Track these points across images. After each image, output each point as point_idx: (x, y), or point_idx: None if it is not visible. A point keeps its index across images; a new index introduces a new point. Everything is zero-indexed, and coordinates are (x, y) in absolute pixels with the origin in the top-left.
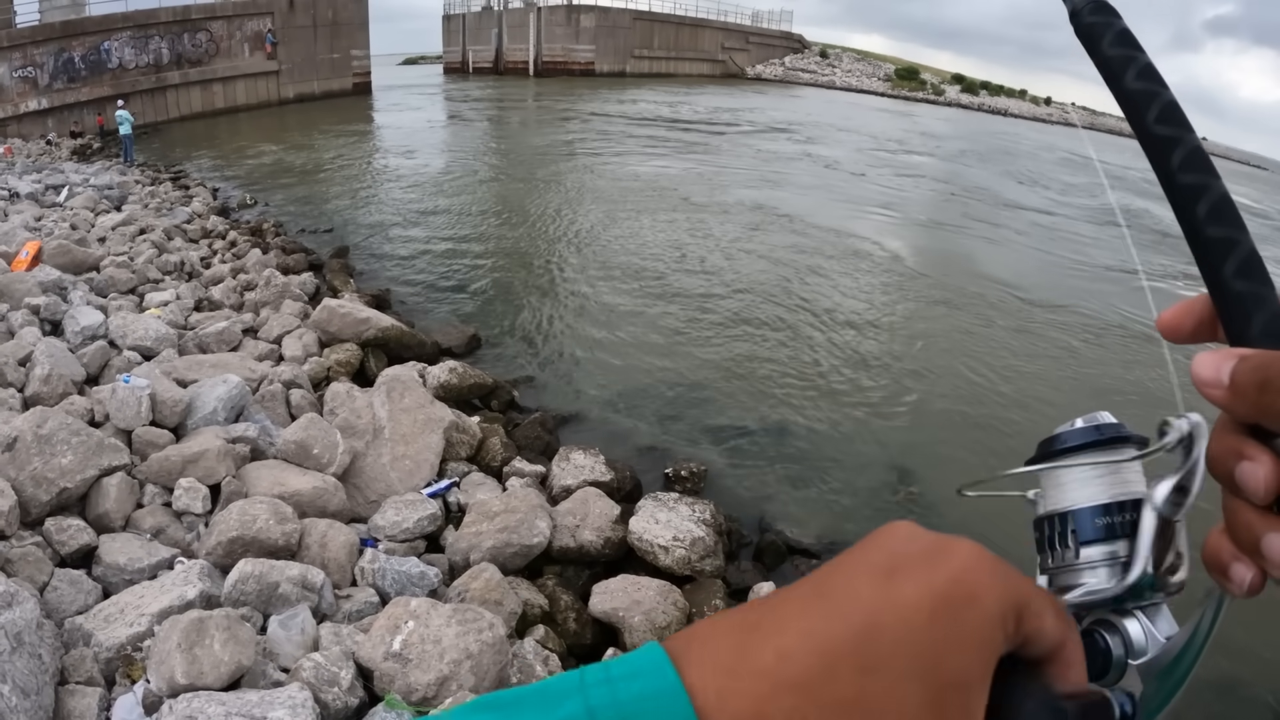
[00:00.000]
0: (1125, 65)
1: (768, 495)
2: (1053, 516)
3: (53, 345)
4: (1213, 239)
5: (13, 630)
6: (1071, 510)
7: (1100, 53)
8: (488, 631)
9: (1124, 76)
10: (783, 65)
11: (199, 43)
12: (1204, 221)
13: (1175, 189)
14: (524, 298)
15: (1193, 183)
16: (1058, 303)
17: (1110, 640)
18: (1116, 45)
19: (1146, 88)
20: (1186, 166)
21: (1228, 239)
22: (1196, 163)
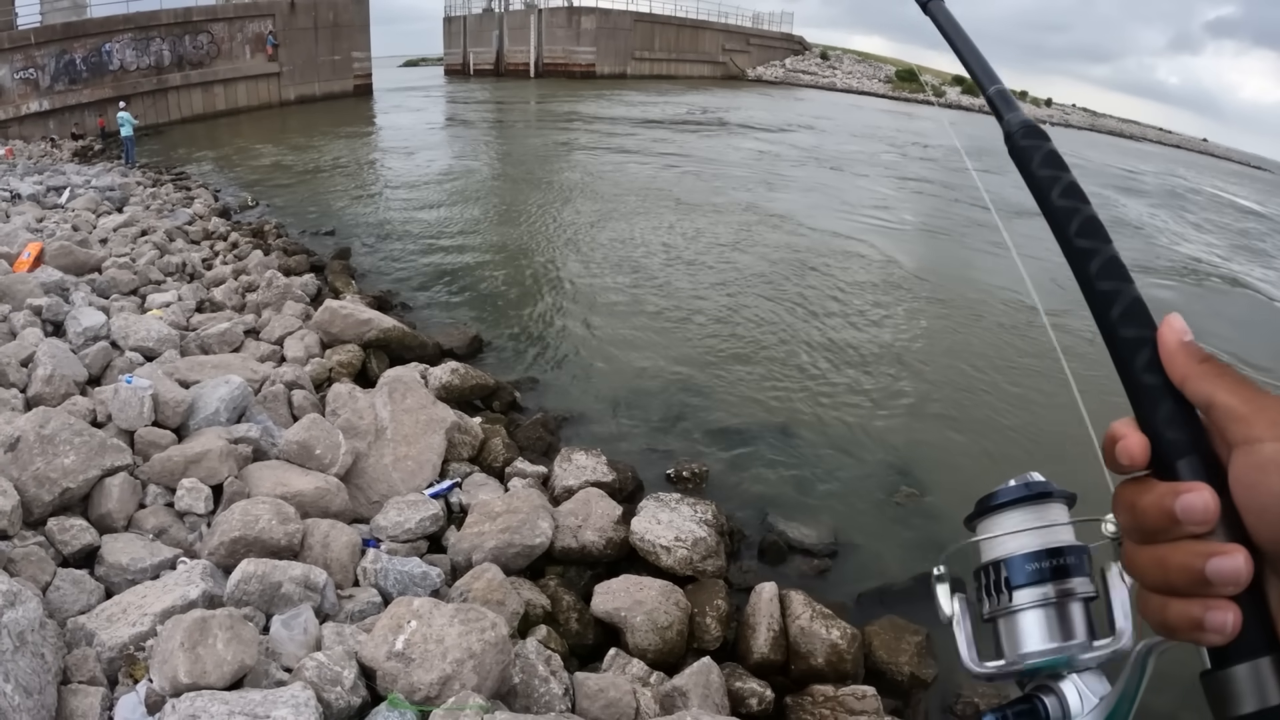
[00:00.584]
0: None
1: (769, 495)
2: (989, 566)
3: (55, 346)
4: (1125, 338)
5: (15, 629)
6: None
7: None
8: (490, 631)
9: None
10: (783, 67)
11: (200, 44)
12: (1117, 322)
13: (1093, 293)
14: (525, 299)
15: (1108, 289)
16: (1059, 304)
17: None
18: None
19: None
20: (1103, 274)
21: (1139, 338)
22: (1112, 270)
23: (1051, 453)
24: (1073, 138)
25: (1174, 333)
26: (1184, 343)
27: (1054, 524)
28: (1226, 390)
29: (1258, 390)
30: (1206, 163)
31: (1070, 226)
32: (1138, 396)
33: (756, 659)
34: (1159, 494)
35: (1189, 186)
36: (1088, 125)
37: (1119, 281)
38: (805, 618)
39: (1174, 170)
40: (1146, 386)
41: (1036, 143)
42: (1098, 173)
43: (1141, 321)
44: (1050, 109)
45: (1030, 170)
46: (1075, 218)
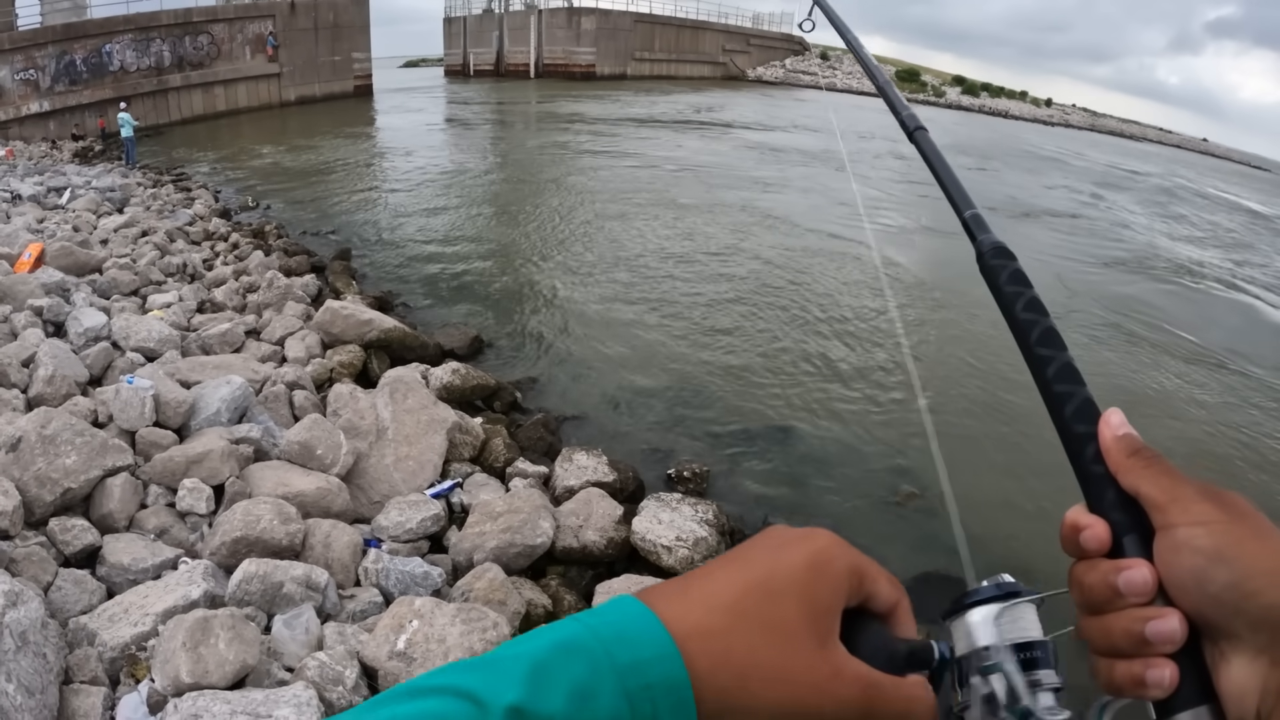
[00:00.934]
0: (1016, 299)
1: (770, 495)
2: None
3: (56, 346)
4: (1076, 434)
5: (17, 629)
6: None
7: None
8: (491, 631)
9: (1015, 307)
10: (783, 67)
11: (200, 45)
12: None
13: (1050, 394)
14: (526, 299)
15: (1062, 391)
16: (1060, 305)
17: None
18: (1010, 283)
19: (1031, 317)
20: (1058, 378)
21: (1087, 433)
22: (1067, 375)
23: (1050, 449)
24: (1073, 137)
25: (1110, 428)
26: (1118, 437)
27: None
28: (1149, 482)
29: (1175, 480)
30: (1207, 163)
31: (1031, 336)
32: (1087, 484)
33: None
34: (1104, 570)
35: (1186, 186)
36: (1088, 125)
37: (1072, 384)
38: None
39: (1174, 170)
40: (1094, 475)
41: (1004, 262)
42: (1101, 173)
43: (1089, 419)
44: (1050, 109)
45: (998, 285)
46: (1035, 328)
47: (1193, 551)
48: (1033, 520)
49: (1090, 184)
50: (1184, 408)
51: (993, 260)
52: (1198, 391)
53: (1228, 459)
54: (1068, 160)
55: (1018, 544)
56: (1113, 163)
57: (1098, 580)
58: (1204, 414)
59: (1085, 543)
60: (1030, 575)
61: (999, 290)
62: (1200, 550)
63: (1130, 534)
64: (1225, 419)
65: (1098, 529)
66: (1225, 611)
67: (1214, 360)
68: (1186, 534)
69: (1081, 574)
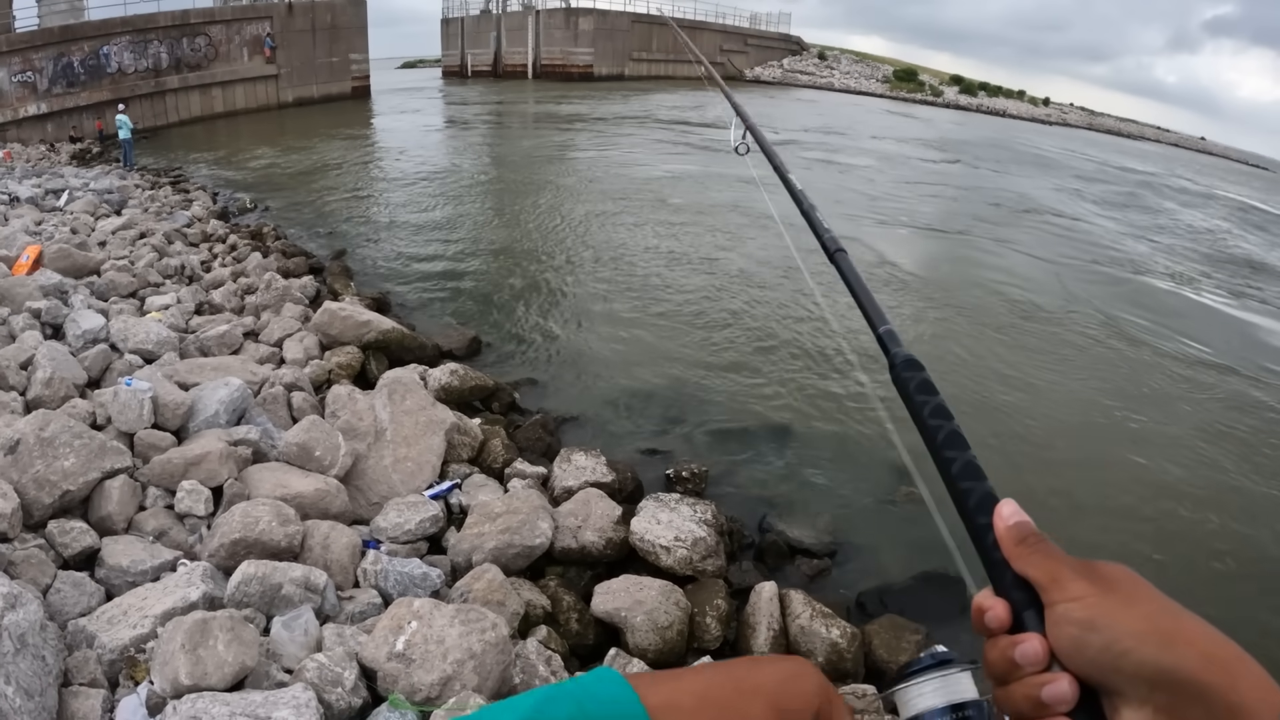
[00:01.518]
0: (924, 405)
1: (769, 495)
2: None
3: (54, 349)
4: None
5: (16, 632)
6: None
7: (909, 395)
8: (491, 632)
9: (923, 412)
10: (781, 67)
11: (198, 47)
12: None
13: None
14: (525, 300)
15: (966, 487)
16: (1061, 305)
17: None
18: (919, 392)
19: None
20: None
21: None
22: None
23: (1050, 447)
24: (1072, 136)
25: (1001, 519)
26: (1009, 527)
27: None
28: (1034, 567)
29: (1056, 562)
30: (1206, 161)
31: (938, 438)
32: (990, 569)
33: None
34: (1003, 646)
35: (1191, 187)
36: (1085, 124)
37: (974, 480)
38: (805, 617)
39: (1174, 170)
40: (995, 561)
41: (914, 374)
42: (1095, 171)
43: (989, 510)
44: (1048, 108)
45: (908, 394)
46: (941, 431)
47: (1070, 623)
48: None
49: (1084, 183)
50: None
51: (904, 372)
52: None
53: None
54: (1068, 161)
55: None
56: (1108, 160)
57: (999, 655)
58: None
59: (989, 623)
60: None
61: (909, 397)
62: (1076, 622)
63: (1028, 610)
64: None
65: (998, 609)
66: (1105, 671)
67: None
68: (1064, 610)
69: (988, 651)
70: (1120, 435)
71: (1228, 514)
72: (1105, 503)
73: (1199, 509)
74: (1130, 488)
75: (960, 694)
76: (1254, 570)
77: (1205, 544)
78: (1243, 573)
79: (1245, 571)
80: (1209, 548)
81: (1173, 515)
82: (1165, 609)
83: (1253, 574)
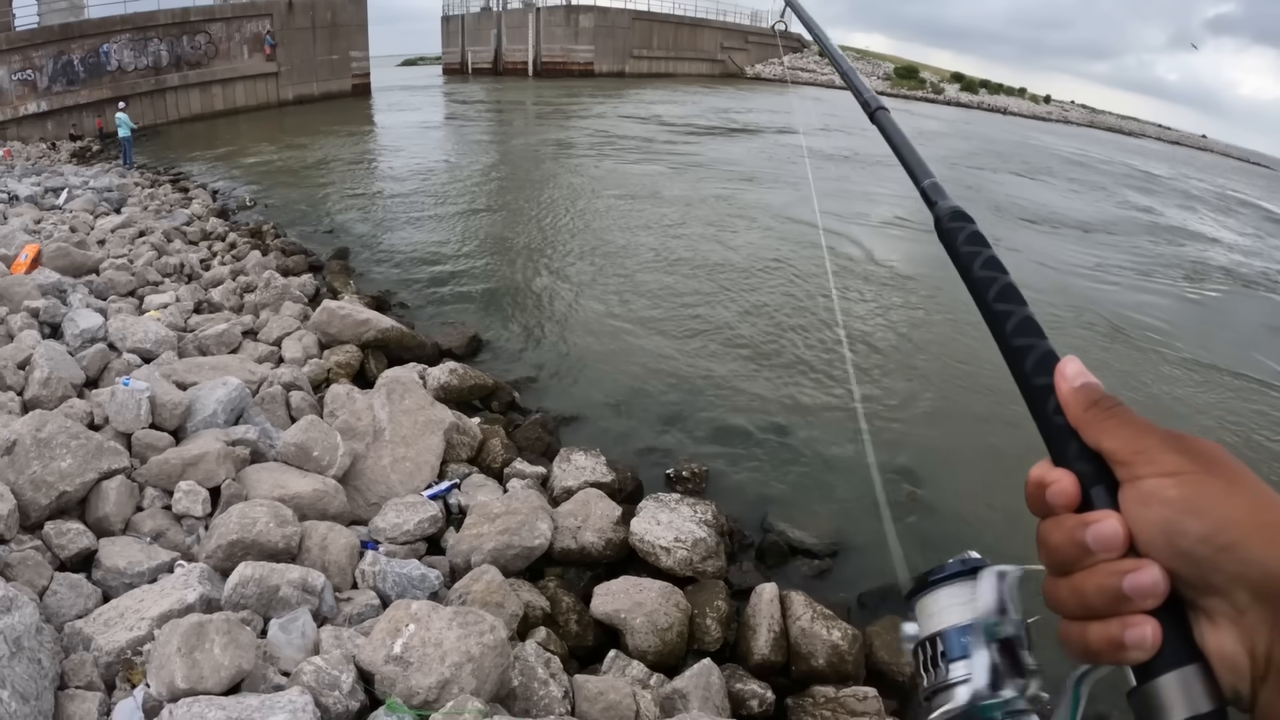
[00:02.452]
0: (973, 258)
1: (769, 496)
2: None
3: (52, 348)
4: (1037, 386)
5: (12, 635)
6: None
7: (955, 249)
8: (489, 634)
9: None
10: (782, 65)
11: (198, 45)
12: (1030, 373)
13: (1009, 349)
14: (524, 299)
15: (1021, 345)
16: (1064, 305)
17: None
18: (968, 244)
19: (989, 275)
20: (1018, 332)
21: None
22: (1026, 329)
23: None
24: (1072, 134)
25: (1065, 380)
26: (1075, 389)
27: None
28: (1109, 436)
29: (1139, 430)
30: (1207, 159)
31: (989, 293)
32: (1050, 438)
33: (757, 660)
34: (1069, 527)
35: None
36: (1086, 122)
37: (1032, 338)
38: (806, 618)
39: (1177, 169)
40: (1056, 428)
41: (961, 225)
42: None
43: (1049, 371)
44: (1049, 106)
45: (955, 248)
46: (994, 285)
47: (1161, 503)
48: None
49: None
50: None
51: (950, 224)
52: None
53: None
54: (1090, 163)
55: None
56: (1114, 158)
57: (1064, 537)
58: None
59: (1051, 498)
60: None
61: (956, 251)
62: (1169, 502)
63: (1097, 485)
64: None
65: (1065, 483)
66: (1201, 567)
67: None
68: (1153, 485)
69: (1047, 532)
70: None
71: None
72: None
73: None
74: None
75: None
76: None
77: None
78: None
79: None
80: None
81: None
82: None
83: None
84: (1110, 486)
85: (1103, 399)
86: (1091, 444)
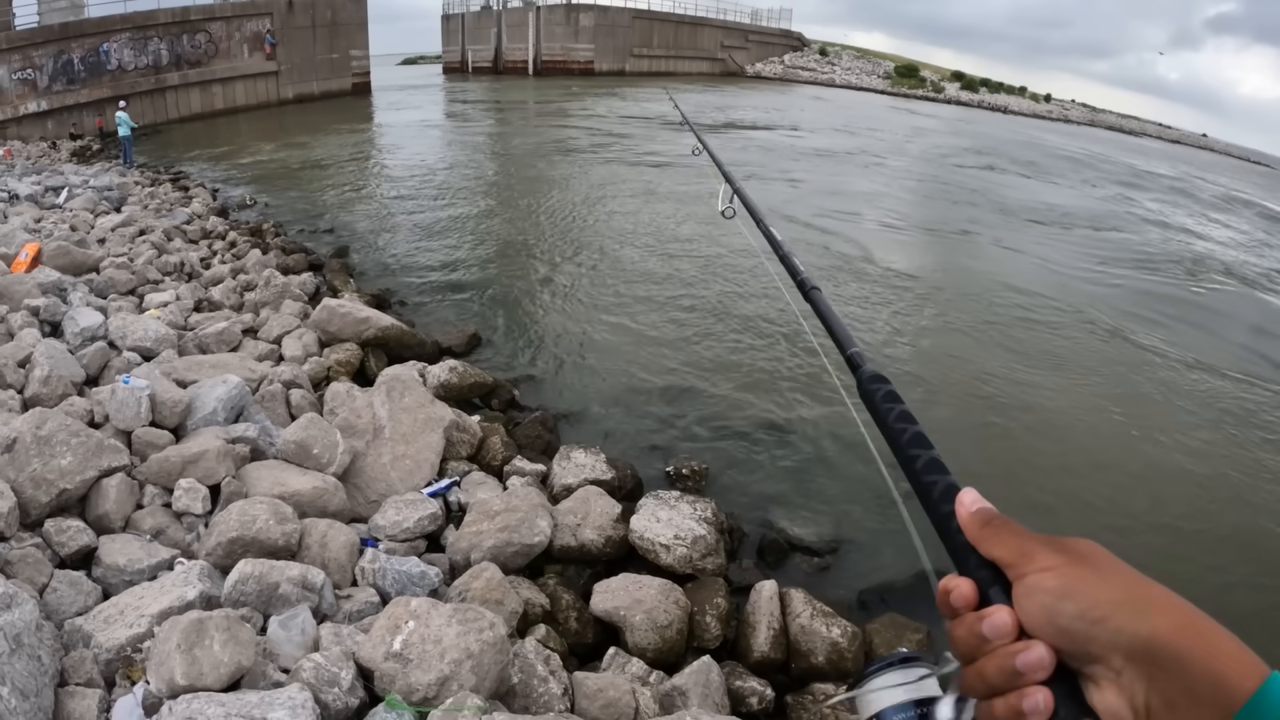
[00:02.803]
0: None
1: (769, 493)
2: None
3: (52, 346)
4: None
5: (12, 632)
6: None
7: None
8: (489, 631)
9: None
10: (782, 63)
11: (198, 44)
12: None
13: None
14: (524, 297)
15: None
16: (1066, 306)
17: None
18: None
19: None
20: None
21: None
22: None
23: (1051, 442)
24: (1073, 133)
25: (963, 506)
26: (972, 514)
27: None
28: (1001, 545)
29: (1023, 539)
30: (1207, 158)
31: (903, 439)
32: (955, 554)
33: (757, 658)
34: (969, 622)
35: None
36: (1087, 121)
37: (938, 474)
38: (805, 616)
39: (1178, 169)
40: (959, 545)
41: (879, 386)
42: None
43: (951, 500)
44: (1049, 105)
45: (875, 404)
46: (906, 434)
47: (1041, 592)
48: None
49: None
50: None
51: (870, 385)
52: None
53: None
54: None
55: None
56: (1112, 156)
57: (966, 631)
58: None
59: (954, 601)
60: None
61: (875, 407)
62: (1047, 590)
63: (993, 587)
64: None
65: (964, 588)
66: (1079, 640)
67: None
68: (1035, 580)
69: (954, 629)
70: None
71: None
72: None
73: None
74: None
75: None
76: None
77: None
78: (1218, 562)
79: (1220, 561)
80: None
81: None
82: (1138, 579)
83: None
84: (1004, 587)
85: (994, 519)
86: (986, 555)
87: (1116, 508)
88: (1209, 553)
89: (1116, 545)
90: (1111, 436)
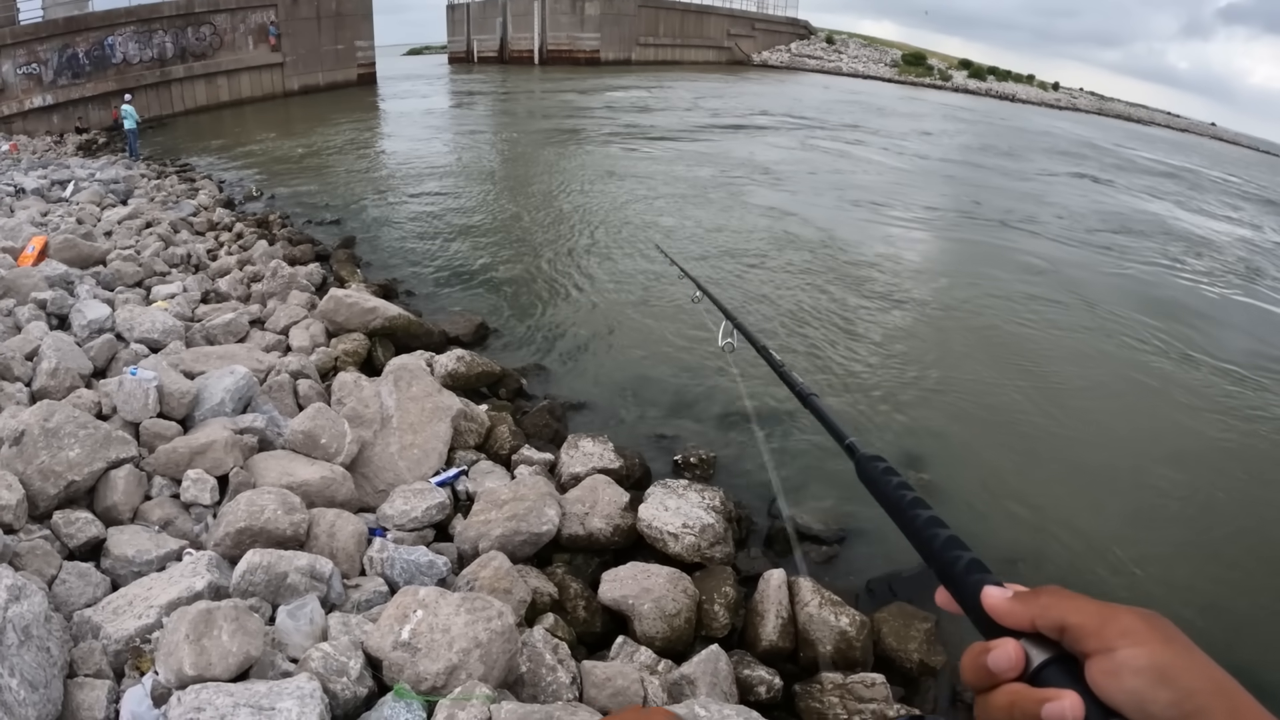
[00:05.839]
0: (887, 483)
1: (778, 481)
2: None
3: (59, 339)
4: (967, 584)
5: (21, 623)
6: None
7: (874, 480)
8: (497, 620)
9: (893, 495)
10: (789, 51)
11: (203, 36)
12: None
13: (934, 557)
14: (532, 286)
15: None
16: (1071, 299)
17: None
18: (885, 475)
19: (903, 494)
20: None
21: (978, 581)
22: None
23: (1053, 440)
24: (1080, 121)
25: (994, 598)
26: (1009, 600)
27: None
28: (1074, 611)
29: (1100, 605)
30: (1215, 147)
31: (905, 502)
32: (980, 624)
33: (765, 646)
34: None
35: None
36: (1095, 109)
37: (959, 550)
38: (814, 605)
39: (1185, 156)
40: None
41: (877, 464)
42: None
43: (980, 569)
44: (1058, 93)
45: (874, 480)
46: (906, 497)
47: (1134, 674)
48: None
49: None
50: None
51: (868, 465)
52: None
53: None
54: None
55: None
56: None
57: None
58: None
59: (995, 662)
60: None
61: (874, 483)
62: (1140, 671)
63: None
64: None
65: (1008, 647)
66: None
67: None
68: (1127, 656)
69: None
70: None
71: None
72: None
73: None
74: None
75: None
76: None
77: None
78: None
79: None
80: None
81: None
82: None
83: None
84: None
85: (1043, 589)
86: (1054, 626)
87: (1117, 515)
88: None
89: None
90: (1108, 435)
